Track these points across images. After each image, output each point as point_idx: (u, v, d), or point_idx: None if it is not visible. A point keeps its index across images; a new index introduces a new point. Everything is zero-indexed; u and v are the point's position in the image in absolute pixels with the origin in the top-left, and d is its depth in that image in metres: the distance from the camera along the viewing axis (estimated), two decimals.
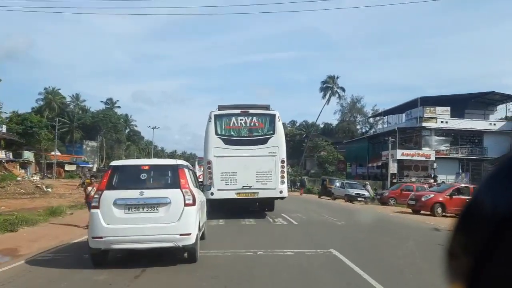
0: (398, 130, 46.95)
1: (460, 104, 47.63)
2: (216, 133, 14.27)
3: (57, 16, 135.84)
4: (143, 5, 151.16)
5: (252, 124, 14.43)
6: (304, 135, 78.10)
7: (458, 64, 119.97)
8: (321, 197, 35.55)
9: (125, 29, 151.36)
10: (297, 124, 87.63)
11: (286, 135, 62.20)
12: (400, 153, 45.18)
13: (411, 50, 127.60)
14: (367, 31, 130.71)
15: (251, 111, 14.63)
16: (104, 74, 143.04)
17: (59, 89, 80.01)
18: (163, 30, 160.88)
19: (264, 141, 14.25)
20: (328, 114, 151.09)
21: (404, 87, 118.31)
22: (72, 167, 67.33)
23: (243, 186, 14.08)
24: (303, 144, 72.07)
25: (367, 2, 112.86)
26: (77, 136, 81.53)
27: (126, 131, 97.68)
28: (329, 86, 65.58)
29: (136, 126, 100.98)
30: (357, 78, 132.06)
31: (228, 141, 14.19)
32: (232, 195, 14.05)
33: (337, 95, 67.06)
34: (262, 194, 14.30)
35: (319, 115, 74.92)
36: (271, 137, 14.34)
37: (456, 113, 47.14)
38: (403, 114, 53.07)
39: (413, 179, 44.91)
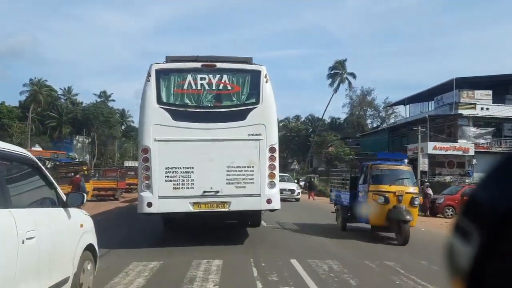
0: (424, 120, 36.86)
1: (500, 88, 37.43)
2: (159, 101, 8.67)
3: (59, 13, 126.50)
4: (148, 3, 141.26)
5: (221, 87, 8.94)
6: (310, 129, 68.09)
7: (469, 62, 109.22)
8: None
9: (129, 26, 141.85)
10: (302, 119, 77.59)
11: (290, 130, 49.43)
12: (431, 146, 35.13)
13: (419, 47, 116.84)
14: (373, 29, 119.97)
15: (219, 65, 8.97)
16: (107, 71, 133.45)
17: (46, 80, 70.46)
18: (168, 27, 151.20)
19: (241, 115, 8.76)
20: (335, 109, 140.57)
21: (413, 86, 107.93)
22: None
23: (205, 192, 8.43)
24: (310, 139, 62.12)
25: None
26: (66, 131, 72.20)
27: (123, 127, 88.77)
28: (337, 72, 55.41)
29: (133, 122, 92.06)
30: (365, 75, 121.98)
31: (180, 114, 8.67)
32: (185, 206, 8.35)
33: (346, 82, 56.71)
34: (237, 205, 8.49)
35: (327, 105, 64.78)
36: (254, 108, 8.81)
37: (495, 99, 37.04)
38: (431, 102, 42.78)
39: (448, 178, 34.88)
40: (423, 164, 34.38)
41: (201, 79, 8.76)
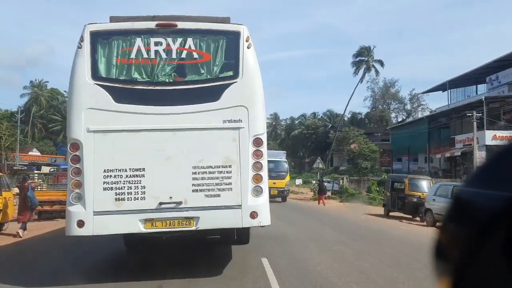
0: (477, 104, 28.89)
1: None
2: (95, 76, 6.04)
3: (68, 20, 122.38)
4: (154, 7, 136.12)
5: (184, 55, 6.23)
6: (329, 125, 60.27)
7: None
8: (390, 213, 17.70)
9: None
10: (320, 115, 69.72)
11: (307, 127, 39.34)
12: (490, 136, 27.18)
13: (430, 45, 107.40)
14: (383, 26, 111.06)
15: (182, 24, 6.21)
16: None
17: (47, 81, 64.85)
18: None
19: (213, 94, 6.13)
20: (353, 106, 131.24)
21: (426, 83, 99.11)
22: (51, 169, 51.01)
23: (162, 204, 5.95)
24: (329, 136, 54.33)
25: None
26: None
27: None
28: (363, 60, 47.39)
29: None
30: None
31: (125, 94, 6.09)
32: (133, 225, 5.96)
33: (373, 70, 48.50)
34: (208, 222, 6.03)
35: (351, 96, 56.14)
36: (232, 84, 6.17)
37: None
38: (480, 86, 34.54)
39: None
40: (480, 159, 26.43)
41: (156, 44, 6.14)
